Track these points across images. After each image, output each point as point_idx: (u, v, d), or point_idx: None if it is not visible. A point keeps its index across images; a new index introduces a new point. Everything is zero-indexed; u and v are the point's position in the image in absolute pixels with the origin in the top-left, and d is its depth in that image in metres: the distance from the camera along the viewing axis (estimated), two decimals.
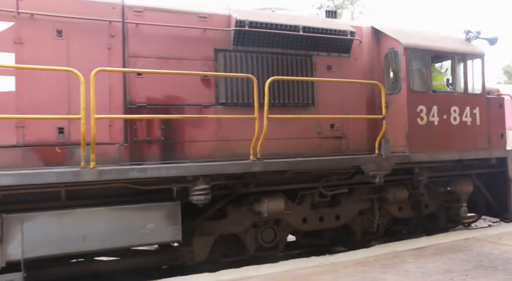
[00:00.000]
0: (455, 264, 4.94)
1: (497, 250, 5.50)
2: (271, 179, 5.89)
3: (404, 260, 5.19)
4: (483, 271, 4.63)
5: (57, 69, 4.68)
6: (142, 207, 5.06)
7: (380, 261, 5.16)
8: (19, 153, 4.83)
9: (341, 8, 29.50)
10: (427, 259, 5.19)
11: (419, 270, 4.72)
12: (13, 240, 4.49)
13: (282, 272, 4.84)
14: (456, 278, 4.43)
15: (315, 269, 4.92)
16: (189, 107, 5.64)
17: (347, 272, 4.73)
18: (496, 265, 4.85)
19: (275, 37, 6.07)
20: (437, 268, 4.80)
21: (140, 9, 5.44)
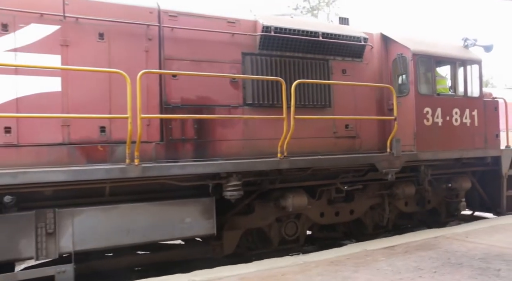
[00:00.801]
0: (425, 261, 5.04)
1: (464, 247, 5.65)
2: (294, 176, 6.26)
3: (375, 258, 5.23)
4: (450, 268, 4.75)
5: (105, 71, 4.92)
6: (181, 202, 5.36)
7: (352, 260, 5.19)
8: (65, 151, 5.04)
9: (317, 10, 29.96)
10: (398, 257, 5.24)
11: (390, 268, 4.79)
12: (65, 234, 4.72)
13: (255, 272, 4.82)
14: (425, 275, 4.52)
15: (288, 268, 4.92)
16: (220, 107, 5.95)
17: (319, 271, 4.75)
18: (462, 261, 4.99)
19: (297, 42, 6.45)
20: (407, 265, 4.88)
21: (174, 14, 5.71)
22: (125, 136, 5.20)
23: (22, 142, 4.82)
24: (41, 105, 4.88)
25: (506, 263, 4.83)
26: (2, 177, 4.27)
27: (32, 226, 4.59)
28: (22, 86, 4.83)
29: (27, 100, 4.85)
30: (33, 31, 4.90)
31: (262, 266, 5.06)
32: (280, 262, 5.23)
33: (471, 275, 4.47)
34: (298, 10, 29.22)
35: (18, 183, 4.36)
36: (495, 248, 5.53)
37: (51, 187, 4.69)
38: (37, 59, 4.88)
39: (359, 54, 7.14)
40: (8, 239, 4.47)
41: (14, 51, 4.81)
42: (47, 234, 4.64)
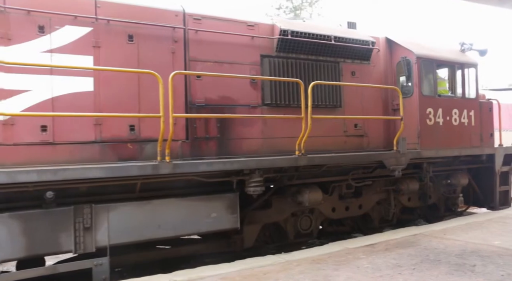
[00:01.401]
0: (404, 259, 5.12)
1: (442, 245, 5.77)
2: (309, 172, 6.56)
3: (356, 256, 5.31)
4: (429, 265, 4.85)
5: (138, 71, 5.13)
6: (207, 198, 5.59)
7: (333, 258, 5.23)
8: (97, 149, 5.20)
9: (300, 9, 30.18)
10: (378, 255, 5.32)
11: (370, 266, 4.86)
12: (101, 228, 4.89)
13: (237, 271, 4.83)
14: (405, 272, 4.60)
15: (269, 267, 4.95)
16: (240, 107, 6.20)
17: (301, 270, 4.79)
18: (440, 258, 5.11)
19: (311, 45, 6.75)
20: (387, 263, 4.96)
21: (198, 17, 5.93)
22: (153, 135, 5.46)
23: (57, 140, 4.97)
24: (75, 105, 5.03)
25: (481, 259, 5.00)
26: (43, 174, 4.42)
27: (70, 221, 4.75)
28: (57, 86, 4.97)
29: (62, 99, 5.00)
30: (68, 33, 5.05)
31: (244, 265, 5.08)
32: (262, 261, 5.24)
33: (448, 271, 4.59)
34: (281, 10, 29.47)
35: (59, 180, 4.53)
36: (471, 245, 5.69)
37: (88, 184, 4.86)
38: (71, 60, 5.03)
39: (367, 57, 7.50)
40: (48, 233, 4.63)
41: (49, 52, 4.95)
42: (84, 229, 4.81)
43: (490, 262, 4.87)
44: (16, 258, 4.55)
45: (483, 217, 7.85)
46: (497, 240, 5.94)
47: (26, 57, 4.78)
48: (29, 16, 4.86)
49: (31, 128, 4.83)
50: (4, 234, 4.41)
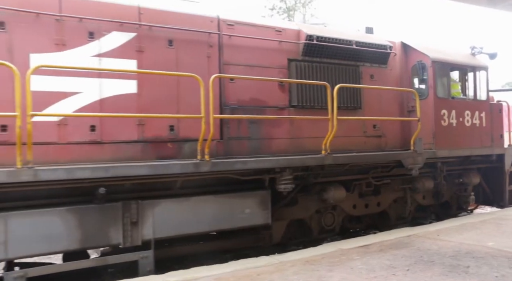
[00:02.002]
0: (398, 260, 5.10)
1: (436, 246, 5.74)
2: (332, 171, 6.89)
3: (350, 257, 5.30)
4: (423, 266, 4.84)
5: (182, 75, 5.43)
6: (241, 195, 5.92)
7: (327, 259, 5.21)
8: (139, 148, 5.51)
9: (293, 10, 30.24)
10: (372, 256, 5.30)
11: (364, 267, 4.85)
12: (146, 223, 5.20)
13: (231, 272, 4.82)
14: (398, 273, 4.59)
15: (263, 268, 4.92)
16: (270, 108, 6.52)
17: (295, 271, 4.77)
18: (434, 259, 5.09)
19: (334, 50, 7.09)
20: (381, 264, 4.94)
21: (232, 23, 6.25)
22: (190, 134, 5.78)
23: (104, 140, 5.27)
24: (120, 106, 5.33)
25: (475, 260, 5.00)
26: (96, 171, 4.73)
27: (119, 215, 5.06)
28: (105, 88, 5.27)
29: (109, 101, 5.30)
30: (114, 38, 5.36)
31: (238, 266, 5.05)
32: (256, 262, 5.22)
33: (442, 272, 4.57)
34: (275, 11, 29.75)
35: (110, 177, 4.84)
36: (465, 246, 5.67)
37: (133, 181, 5.16)
38: (117, 64, 5.33)
39: (385, 61, 7.85)
40: (100, 227, 4.93)
41: (98, 57, 5.25)
42: (131, 223, 5.12)
43: (484, 263, 4.86)
44: (71, 249, 4.85)
45: (477, 218, 7.87)
46: (491, 241, 5.93)
47: (78, 61, 5.08)
48: (80, 23, 5.16)
49: (81, 128, 5.13)
50: (61, 227, 4.71)
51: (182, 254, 5.87)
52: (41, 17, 4.96)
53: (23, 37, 4.86)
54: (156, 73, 5.36)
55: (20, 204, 4.68)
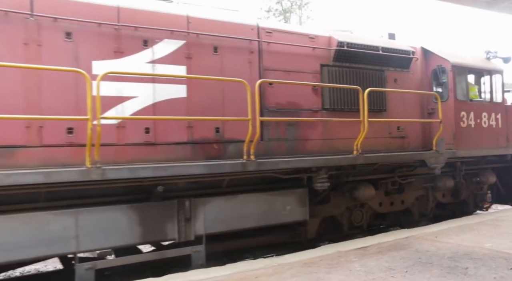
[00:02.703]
0: (396, 261, 5.09)
1: (434, 247, 5.74)
2: (362, 170, 7.26)
3: (348, 259, 5.27)
4: (421, 267, 4.83)
5: (231, 80, 5.76)
6: (283, 192, 6.27)
7: (325, 261, 5.20)
8: (189, 149, 5.84)
9: (289, 12, 30.39)
10: (370, 258, 5.28)
11: (363, 269, 4.84)
12: (198, 219, 5.53)
13: (229, 274, 4.80)
14: (397, 275, 4.58)
15: (261, 271, 4.90)
16: (305, 111, 6.88)
17: (293, 273, 4.75)
18: (432, 261, 5.08)
19: (362, 55, 7.47)
20: (379, 266, 4.93)
21: (270, 30, 6.61)
22: (234, 136, 6.13)
23: (158, 141, 5.60)
24: (171, 109, 5.67)
25: (473, 262, 5.00)
26: (156, 170, 5.06)
27: (174, 212, 5.39)
28: (158, 93, 5.61)
29: (161, 104, 5.63)
30: (166, 46, 5.70)
31: (236, 269, 5.04)
32: (253, 265, 5.22)
33: (440, 274, 4.57)
34: (271, 13, 30.06)
35: (168, 175, 5.17)
36: (463, 247, 5.67)
37: (186, 179, 5.50)
38: (168, 70, 5.67)
39: (407, 65, 8.24)
40: (158, 223, 5.26)
41: (152, 63, 5.59)
42: (185, 220, 5.45)
43: (482, 265, 4.86)
44: (133, 244, 5.18)
45: (474, 220, 7.87)
46: (489, 242, 5.93)
47: (134, 68, 5.42)
48: (136, 32, 5.50)
49: (137, 130, 5.46)
50: (124, 223, 5.04)
51: (229, 249, 6.20)
52: (102, 27, 5.29)
53: (87, 46, 5.19)
54: (208, 79, 5.72)
55: (87, 202, 5.00)
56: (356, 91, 6.98)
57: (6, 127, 4.69)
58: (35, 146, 4.87)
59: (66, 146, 5.04)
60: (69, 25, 5.09)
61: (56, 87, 5.00)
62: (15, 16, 4.82)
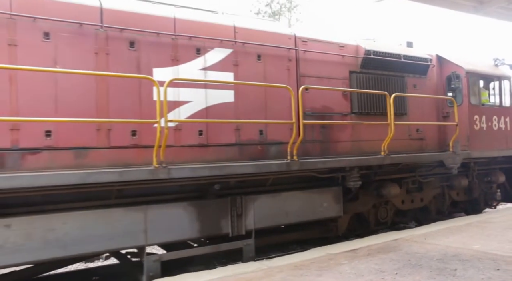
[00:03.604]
0: (386, 264, 5.10)
1: (423, 249, 5.77)
2: (388, 170, 7.76)
3: (338, 262, 5.28)
4: (411, 269, 4.85)
5: (277, 86, 6.22)
6: (320, 190, 6.74)
7: (315, 264, 5.20)
8: (236, 150, 6.28)
9: (279, 15, 30.57)
10: (360, 260, 5.30)
11: (353, 271, 4.84)
12: (248, 215, 5.96)
13: (220, 278, 4.79)
14: (387, 277, 4.59)
15: (252, 274, 4.88)
16: (336, 115, 7.36)
17: (283, 276, 4.74)
18: (422, 263, 5.11)
19: (386, 63, 7.99)
20: (369, 268, 4.94)
21: (305, 40, 7.09)
22: (276, 138, 6.59)
23: (210, 143, 6.02)
24: (221, 113, 6.10)
25: (461, 263, 5.03)
26: (213, 170, 5.48)
27: (228, 209, 5.82)
28: (210, 98, 6.04)
29: (212, 109, 6.06)
30: (216, 54, 6.14)
31: (227, 272, 5.04)
32: (244, 268, 5.19)
33: (430, 276, 4.58)
34: (260, 15, 30.24)
35: (223, 174, 5.60)
36: (451, 249, 5.71)
37: (240, 178, 5.93)
38: (218, 76, 6.11)
39: (425, 72, 8.80)
40: (212, 219, 5.68)
41: (204, 70, 6.03)
42: (237, 216, 5.88)
43: (470, 266, 4.90)
44: (193, 238, 5.59)
45: (463, 221, 7.93)
46: (477, 244, 6.00)
47: (188, 74, 5.84)
48: (190, 41, 5.93)
49: (192, 133, 5.88)
50: (185, 218, 5.45)
51: (273, 243, 6.65)
52: (160, 37, 5.71)
53: (148, 54, 5.60)
54: (258, 85, 6.20)
55: (151, 199, 5.41)
56: (380, 96, 7.52)
57: (81, 130, 5.08)
58: (104, 147, 5.26)
59: (130, 147, 5.43)
60: (133, 35, 5.50)
61: (122, 93, 5.40)
62: (88, 28, 5.21)
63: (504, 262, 5.00)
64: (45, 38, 4.95)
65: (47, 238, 4.60)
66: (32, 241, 4.52)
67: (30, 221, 4.54)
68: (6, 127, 4.68)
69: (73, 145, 5.05)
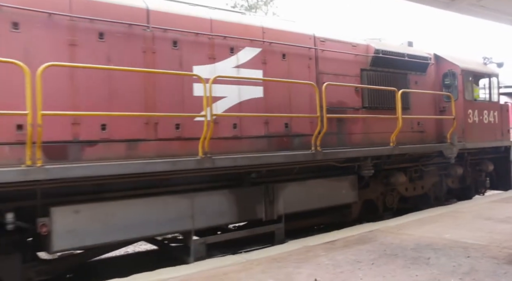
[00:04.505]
0: (363, 254, 5.22)
1: (398, 240, 5.92)
2: (395, 160, 8.43)
3: (316, 254, 5.34)
4: (386, 259, 4.98)
5: (303, 83, 6.75)
6: (339, 178, 7.35)
7: (294, 256, 5.26)
8: (265, 142, 6.78)
9: (255, 8, 30.75)
10: (338, 252, 5.38)
11: (331, 262, 4.92)
12: (279, 201, 6.49)
13: (197, 272, 4.75)
14: (364, 267, 4.71)
15: (230, 267, 4.89)
16: (349, 109, 7.96)
17: (262, 269, 4.77)
18: (397, 252, 5.24)
19: (392, 61, 8.64)
20: (346, 259, 5.05)
21: (323, 40, 7.64)
22: (299, 130, 7.14)
23: (243, 135, 6.50)
24: (252, 108, 6.58)
25: (434, 252, 5.20)
26: (252, 159, 5.99)
27: (262, 196, 6.33)
28: (242, 93, 6.51)
29: (245, 103, 6.54)
30: (247, 53, 6.60)
31: (204, 267, 5.00)
32: (221, 262, 5.19)
33: (405, 265, 4.73)
34: (237, 8, 30.35)
35: (259, 164, 6.11)
36: (424, 239, 5.90)
37: (270, 167, 6.44)
38: (250, 73, 6.58)
39: (425, 69, 9.51)
40: (249, 205, 6.18)
41: (237, 68, 6.49)
42: (269, 202, 6.40)
43: (442, 254, 5.08)
44: (233, 222, 6.08)
45: (435, 212, 8.15)
46: (448, 233, 6.20)
47: (224, 72, 6.28)
48: (225, 40, 6.37)
49: (227, 126, 6.34)
50: (225, 204, 5.93)
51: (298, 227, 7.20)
52: (199, 37, 6.14)
53: (189, 53, 6.03)
54: (287, 82, 6.72)
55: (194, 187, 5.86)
56: (387, 91, 8.16)
57: (131, 123, 5.47)
58: (152, 139, 5.67)
59: (174, 139, 5.86)
60: (176, 35, 5.91)
61: (167, 89, 5.81)
62: (136, 28, 5.59)
63: (474, 249, 5.25)
64: (100, 38, 5.31)
65: (109, 223, 5.00)
66: (97, 225, 4.91)
67: (94, 207, 4.94)
68: (68, 121, 5.03)
69: (125, 138, 5.44)
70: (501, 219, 7.12)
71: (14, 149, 4.70)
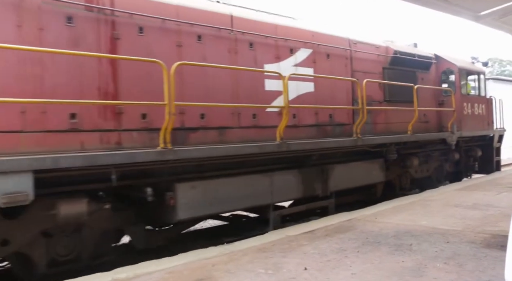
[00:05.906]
0: (346, 243, 5.27)
1: (377, 227, 6.03)
2: (409, 146, 9.81)
3: (299, 243, 5.36)
4: (370, 247, 5.05)
5: (350, 80, 7.91)
6: (371, 161, 8.60)
7: (277, 246, 5.27)
8: (315, 130, 7.90)
9: None
10: (320, 241, 5.42)
11: (316, 251, 4.94)
12: (331, 180, 7.66)
13: (184, 264, 4.67)
14: (350, 255, 4.74)
15: (217, 258, 4.84)
16: (375, 102, 9.22)
17: (249, 259, 4.74)
18: (379, 240, 5.33)
19: (406, 60, 10.00)
20: (331, 248, 5.08)
21: (355, 42, 8.84)
22: (340, 120, 8.32)
23: (300, 124, 7.59)
24: (306, 100, 7.67)
25: (414, 238, 5.33)
26: (315, 144, 7.12)
27: (319, 175, 7.47)
28: (299, 88, 7.59)
29: (301, 97, 7.62)
30: (302, 53, 7.68)
31: (190, 258, 4.92)
32: (207, 253, 5.11)
33: (389, 252, 4.82)
34: None
35: (318, 148, 7.24)
36: (402, 226, 6.04)
37: (322, 151, 7.58)
38: (305, 71, 7.66)
39: (428, 68, 10.97)
40: (310, 182, 7.30)
41: (295, 66, 7.56)
42: (324, 180, 7.55)
43: (423, 241, 5.19)
44: (300, 197, 7.18)
45: (406, 200, 8.37)
46: (423, 220, 6.37)
47: (286, 69, 7.32)
48: (286, 42, 7.42)
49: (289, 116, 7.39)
50: (294, 182, 7.03)
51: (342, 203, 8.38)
52: (267, 39, 7.15)
53: (261, 53, 7.03)
54: (338, 79, 7.91)
55: (273, 167, 6.91)
56: (401, 86, 9.51)
57: (222, 113, 6.43)
58: (236, 127, 6.65)
59: (252, 127, 6.87)
60: (251, 37, 6.90)
61: (247, 83, 6.79)
62: (224, 32, 6.53)
63: (451, 235, 5.43)
64: (198, 40, 6.21)
65: (214, 197, 5.96)
66: (206, 199, 5.87)
67: (204, 184, 5.88)
68: (177, 110, 5.91)
69: (218, 125, 6.40)
70: (470, 206, 7.42)
71: (140, 134, 5.57)
